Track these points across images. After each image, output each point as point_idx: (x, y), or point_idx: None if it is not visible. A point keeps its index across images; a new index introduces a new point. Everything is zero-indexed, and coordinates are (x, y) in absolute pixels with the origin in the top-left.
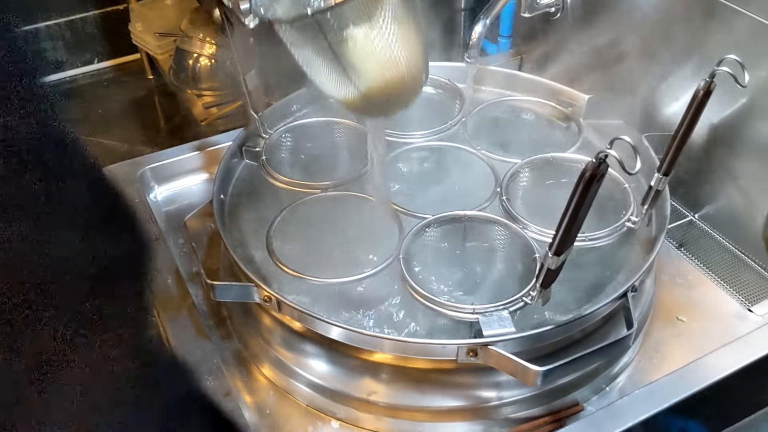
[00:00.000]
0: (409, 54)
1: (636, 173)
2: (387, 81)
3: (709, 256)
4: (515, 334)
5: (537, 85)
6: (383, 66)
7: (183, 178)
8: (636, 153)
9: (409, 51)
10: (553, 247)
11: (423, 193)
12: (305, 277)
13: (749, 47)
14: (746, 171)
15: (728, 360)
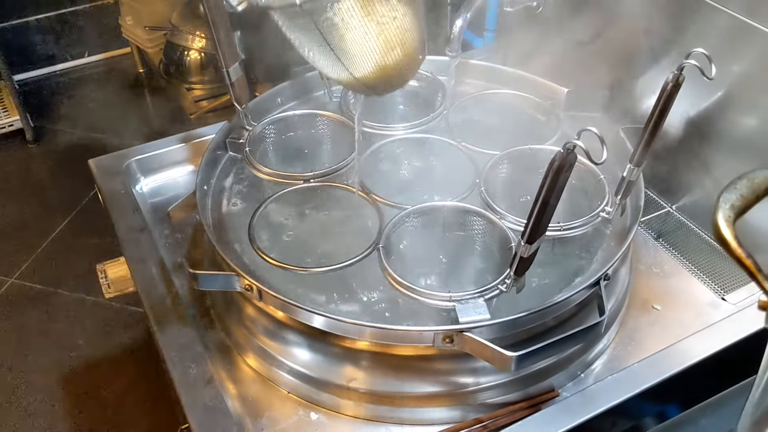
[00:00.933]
0: (405, 38)
1: (602, 163)
2: (381, 68)
3: (685, 246)
4: (489, 321)
5: (517, 79)
6: (377, 53)
7: (169, 170)
8: (602, 144)
9: (404, 35)
10: (525, 235)
11: (404, 184)
12: (286, 266)
13: (726, 42)
14: (721, 163)
15: (700, 346)
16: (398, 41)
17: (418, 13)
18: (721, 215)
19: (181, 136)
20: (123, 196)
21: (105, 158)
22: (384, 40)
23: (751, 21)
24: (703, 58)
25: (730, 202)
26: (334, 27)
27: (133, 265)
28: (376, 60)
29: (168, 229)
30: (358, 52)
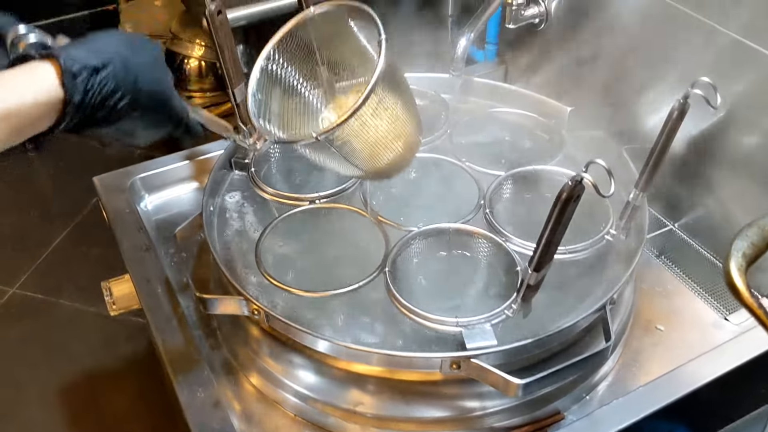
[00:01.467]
0: (406, 133)
1: (610, 196)
2: (389, 162)
3: (687, 265)
4: (497, 347)
5: (521, 97)
6: (385, 151)
7: (173, 187)
8: (610, 176)
9: (405, 127)
10: (533, 263)
11: (409, 204)
12: (293, 290)
13: (726, 62)
14: (723, 181)
15: (705, 369)
16: (401, 133)
17: (410, 99)
18: (734, 264)
19: (185, 153)
20: (128, 214)
21: (109, 176)
22: (389, 138)
23: (750, 42)
24: (708, 87)
25: (742, 251)
26: (346, 143)
27: (139, 285)
28: (385, 156)
29: (173, 247)
30: (368, 154)
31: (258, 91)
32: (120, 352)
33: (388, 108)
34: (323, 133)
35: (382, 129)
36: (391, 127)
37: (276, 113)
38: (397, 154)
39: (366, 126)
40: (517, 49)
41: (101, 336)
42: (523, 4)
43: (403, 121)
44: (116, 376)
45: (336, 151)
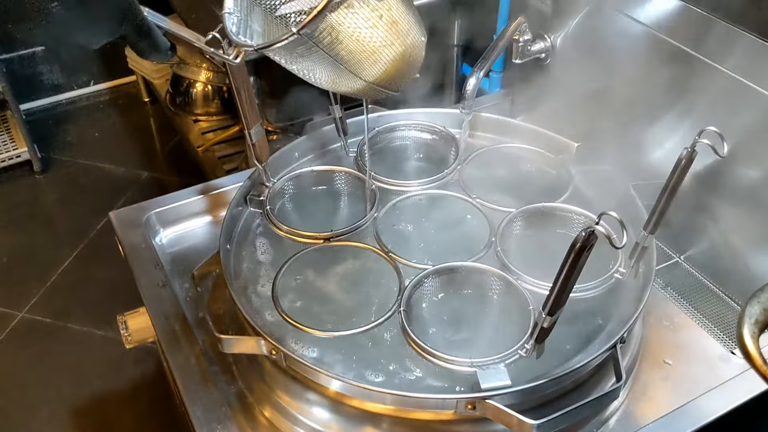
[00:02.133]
0: (402, 27)
1: (623, 247)
2: (390, 62)
3: (694, 297)
4: (511, 388)
5: (529, 133)
6: (382, 50)
7: (187, 221)
8: (623, 227)
9: (400, 25)
10: (547, 308)
11: (422, 242)
12: (310, 330)
13: (728, 99)
14: (726, 214)
15: (714, 404)
16: (396, 32)
17: None
18: (747, 331)
19: (200, 187)
20: (144, 249)
21: (125, 211)
22: (383, 36)
23: (747, 81)
24: (714, 136)
25: (755, 317)
26: (335, 41)
27: (157, 322)
28: (382, 57)
29: (188, 282)
30: (364, 56)
31: (236, 9)
32: (129, 375)
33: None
34: (303, 27)
35: (374, 21)
36: (385, 19)
37: (258, 32)
38: (397, 52)
39: (355, 17)
40: (523, 82)
41: (110, 359)
42: (530, 40)
43: (397, 18)
44: (125, 398)
45: (326, 53)
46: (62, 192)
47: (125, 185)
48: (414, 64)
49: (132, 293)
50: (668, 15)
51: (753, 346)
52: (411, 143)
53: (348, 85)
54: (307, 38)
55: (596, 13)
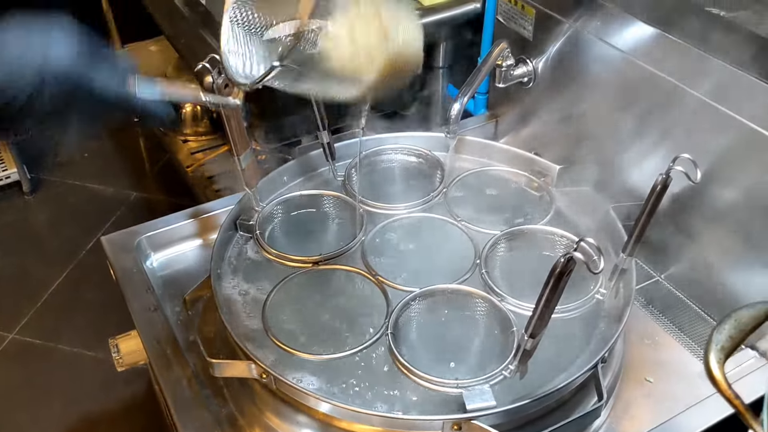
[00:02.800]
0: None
1: (600, 272)
2: (388, 61)
3: (674, 315)
4: (496, 408)
5: (512, 156)
6: (377, 52)
7: (178, 245)
8: (599, 254)
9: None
10: (529, 330)
11: (408, 264)
12: (299, 353)
13: (703, 122)
14: (704, 234)
15: (693, 422)
16: (381, 35)
17: None
18: (713, 357)
19: (190, 211)
20: (135, 274)
21: (116, 235)
22: (369, 40)
23: (719, 106)
24: (688, 163)
25: (720, 344)
26: (323, 56)
27: (149, 347)
28: (373, 60)
29: (179, 305)
30: (355, 63)
31: (235, 45)
32: (119, 395)
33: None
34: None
35: (357, 34)
36: (366, 31)
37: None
38: (391, 49)
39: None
40: (507, 104)
41: (100, 380)
42: (512, 65)
43: (382, 23)
44: (116, 419)
45: (319, 70)
46: (52, 213)
47: (114, 205)
48: (411, 60)
49: (122, 314)
50: (644, 42)
51: (719, 372)
52: (397, 167)
53: (350, 91)
54: (293, 65)
55: (575, 39)
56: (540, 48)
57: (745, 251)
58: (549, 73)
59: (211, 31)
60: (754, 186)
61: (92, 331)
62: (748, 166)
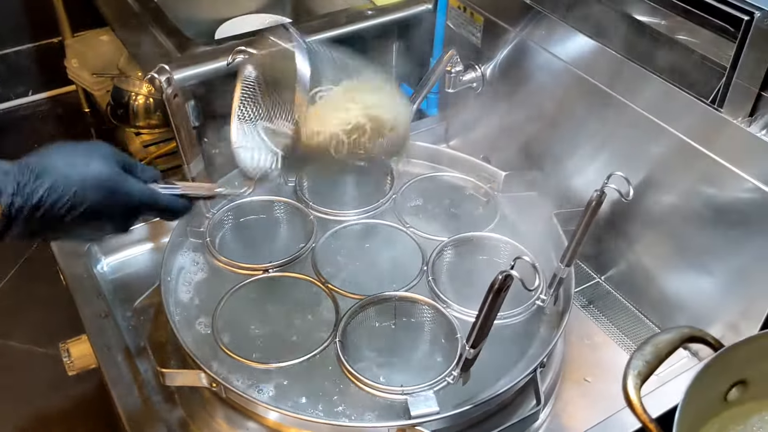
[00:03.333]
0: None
1: (534, 289)
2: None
3: (613, 315)
4: (439, 414)
5: (461, 162)
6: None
7: (129, 249)
8: (536, 270)
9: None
10: (470, 341)
11: (357, 271)
12: (248, 362)
13: (637, 131)
14: (642, 238)
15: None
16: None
17: None
18: (630, 383)
19: None
20: (86, 279)
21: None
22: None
23: (655, 119)
24: (621, 180)
25: (638, 369)
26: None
27: (100, 354)
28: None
29: (130, 310)
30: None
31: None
32: (70, 393)
33: None
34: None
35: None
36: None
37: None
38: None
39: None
40: (457, 107)
41: (52, 377)
42: (461, 70)
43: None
44: (67, 417)
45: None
46: None
47: None
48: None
49: (74, 311)
50: (585, 54)
51: (635, 396)
52: (348, 172)
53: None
54: None
55: (521, 48)
56: (488, 54)
57: (677, 256)
58: (497, 79)
59: (161, 27)
60: (685, 195)
61: (43, 328)
62: (681, 176)
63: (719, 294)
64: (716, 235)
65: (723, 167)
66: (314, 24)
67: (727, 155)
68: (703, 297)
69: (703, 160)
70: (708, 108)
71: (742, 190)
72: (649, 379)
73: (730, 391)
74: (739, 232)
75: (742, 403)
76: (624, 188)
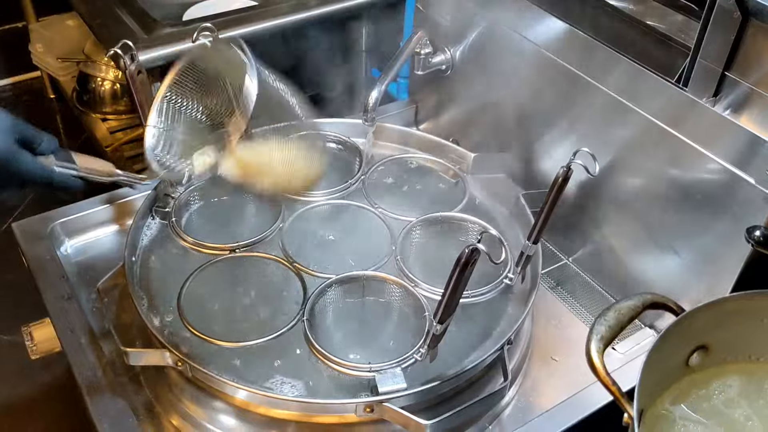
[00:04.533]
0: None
1: (500, 263)
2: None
3: (580, 295)
4: (406, 391)
5: (429, 143)
6: None
7: (93, 231)
8: (502, 244)
9: None
10: (437, 317)
11: (326, 251)
12: (215, 341)
13: (607, 115)
14: (609, 220)
15: (595, 397)
16: None
17: None
18: (594, 347)
19: (105, 197)
20: (48, 261)
21: (28, 222)
22: None
23: (623, 100)
24: (587, 156)
25: (600, 334)
26: None
27: (63, 336)
28: None
29: (94, 293)
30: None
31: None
32: (37, 379)
33: None
34: None
35: None
36: None
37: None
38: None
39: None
40: (427, 91)
41: (17, 365)
42: (431, 52)
43: None
44: (34, 403)
45: None
46: None
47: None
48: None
49: (38, 296)
50: (555, 36)
51: (598, 360)
52: None
53: None
54: None
55: (491, 30)
56: (457, 37)
57: (644, 237)
58: (466, 61)
59: (128, 9)
60: (652, 176)
61: (7, 315)
62: (648, 158)
63: (685, 273)
64: (683, 215)
65: (689, 147)
66: (284, 7)
67: (694, 135)
68: (670, 276)
69: (671, 141)
70: (675, 89)
71: (707, 169)
72: (612, 347)
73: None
74: (704, 211)
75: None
76: (591, 165)
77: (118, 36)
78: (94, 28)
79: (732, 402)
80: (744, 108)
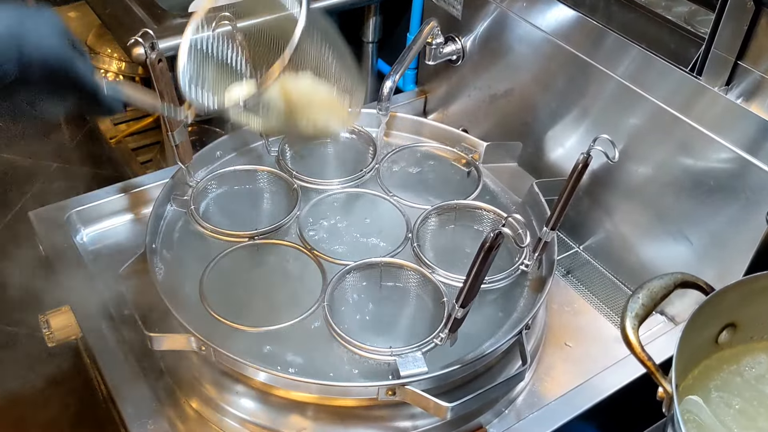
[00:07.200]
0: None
1: (525, 246)
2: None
3: (591, 283)
4: (428, 374)
5: (442, 132)
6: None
7: (109, 219)
8: (525, 229)
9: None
10: (460, 300)
11: (343, 238)
12: (237, 325)
13: (619, 102)
14: (619, 208)
15: (609, 381)
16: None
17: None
18: (629, 324)
19: (121, 185)
20: (65, 249)
21: (45, 210)
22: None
23: (634, 87)
24: (607, 143)
25: (635, 311)
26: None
27: (82, 322)
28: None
29: (113, 279)
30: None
31: (189, 62)
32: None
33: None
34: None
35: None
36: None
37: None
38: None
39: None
40: (436, 81)
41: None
42: (442, 43)
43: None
44: (40, 395)
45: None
46: None
47: (33, 177)
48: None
49: (47, 290)
50: (566, 24)
51: (633, 336)
52: (330, 142)
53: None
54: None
55: (502, 19)
56: (468, 27)
57: (655, 224)
58: (477, 51)
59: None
60: (663, 163)
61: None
62: (659, 145)
63: (696, 259)
64: (693, 201)
65: (701, 134)
66: None
67: (706, 122)
68: (681, 263)
69: (682, 127)
70: (687, 76)
71: (719, 156)
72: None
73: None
74: (716, 197)
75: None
76: (610, 151)
77: (128, 26)
78: (104, 18)
79: (763, 378)
80: (756, 96)
